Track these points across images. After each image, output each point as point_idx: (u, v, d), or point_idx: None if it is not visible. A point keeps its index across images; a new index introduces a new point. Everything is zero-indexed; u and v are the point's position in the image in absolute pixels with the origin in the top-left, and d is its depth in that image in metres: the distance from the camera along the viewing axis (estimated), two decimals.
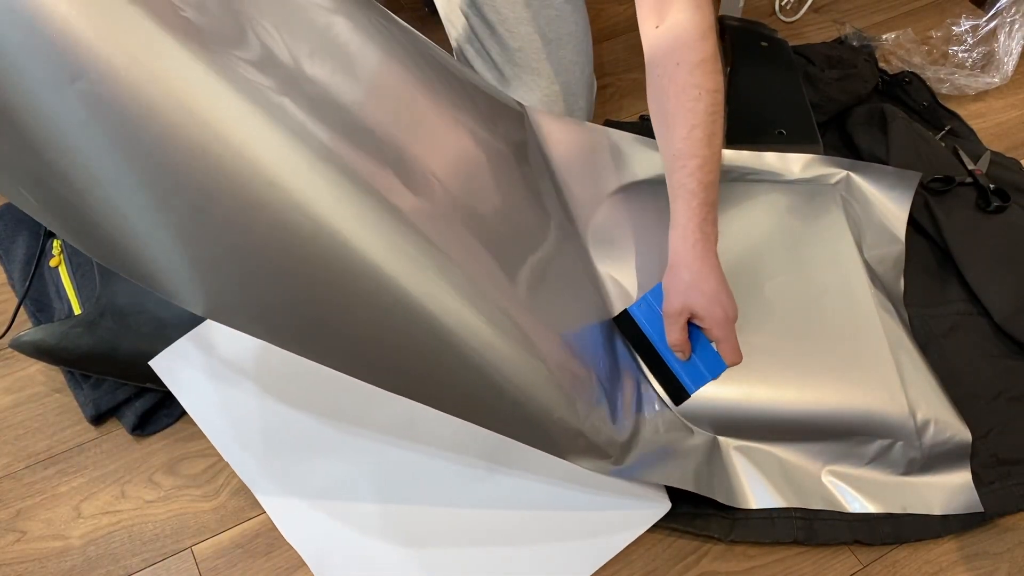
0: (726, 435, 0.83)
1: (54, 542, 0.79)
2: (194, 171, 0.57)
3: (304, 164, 0.59)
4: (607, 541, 0.79)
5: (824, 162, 1.02)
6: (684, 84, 0.80)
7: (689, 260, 0.78)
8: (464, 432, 0.82)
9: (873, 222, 0.99)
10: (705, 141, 0.79)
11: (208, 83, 0.57)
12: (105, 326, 0.86)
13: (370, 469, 0.82)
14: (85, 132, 0.55)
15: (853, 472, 0.82)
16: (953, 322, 0.93)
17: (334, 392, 0.85)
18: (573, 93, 1.02)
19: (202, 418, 0.83)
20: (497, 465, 0.82)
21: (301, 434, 0.83)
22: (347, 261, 0.61)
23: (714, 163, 0.80)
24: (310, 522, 0.79)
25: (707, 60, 0.80)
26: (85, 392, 0.87)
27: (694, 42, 0.79)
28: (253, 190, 0.58)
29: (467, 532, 0.79)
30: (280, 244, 0.60)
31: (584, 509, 0.80)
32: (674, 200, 0.80)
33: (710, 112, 0.79)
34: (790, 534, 0.79)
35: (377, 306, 0.63)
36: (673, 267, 0.80)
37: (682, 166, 0.79)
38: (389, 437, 0.83)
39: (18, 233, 0.99)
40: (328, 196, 0.60)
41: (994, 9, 1.24)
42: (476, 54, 1.04)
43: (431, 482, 0.81)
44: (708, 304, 0.78)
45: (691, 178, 0.79)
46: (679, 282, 0.79)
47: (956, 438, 0.82)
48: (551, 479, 0.81)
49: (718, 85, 0.80)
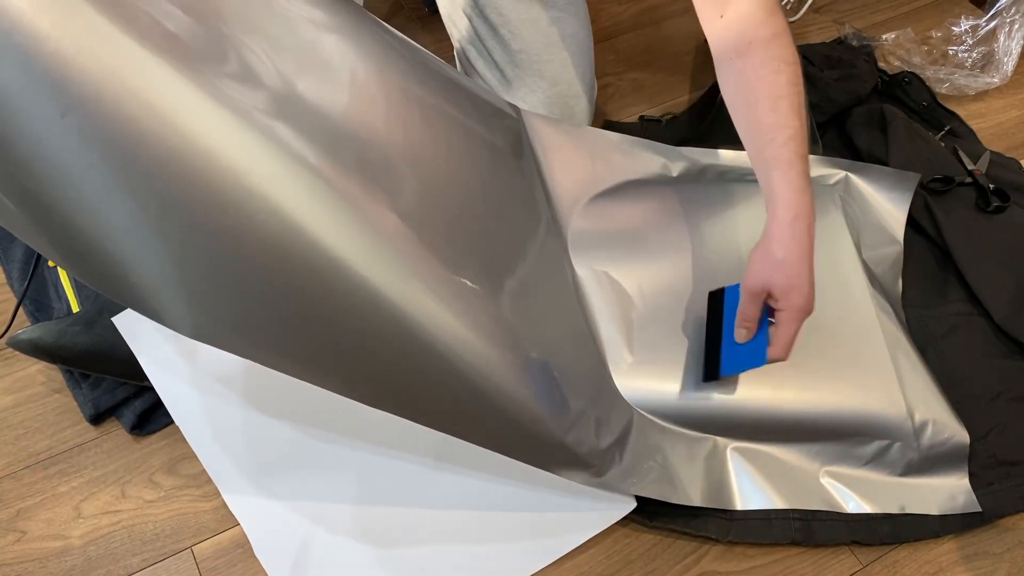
0: (724, 436, 0.83)
1: (54, 542, 0.79)
2: (184, 194, 0.56)
3: (300, 188, 0.59)
4: (560, 540, 0.79)
5: (822, 163, 1.02)
6: (762, 59, 0.77)
7: (785, 238, 0.73)
8: (412, 428, 0.81)
9: (871, 223, 0.98)
10: (794, 112, 0.76)
11: (199, 106, 0.56)
12: (103, 324, 0.86)
13: (316, 454, 0.82)
14: (76, 161, 0.55)
15: (851, 473, 0.82)
16: (953, 322, 0.93)
17: (282, 382, 0.85)
18: (574, 95, 1.02)
19: (157, 380, 0.84)
20: (445, 462, 0.82)
21: (254, 409, 0.84)
22: (341, 281, 0.61)
23: (804, 135, 0.75)
24: (253, 498, 0.80)
25: (780, 34, 0.77)
26: (84, 391, 0.87)
27: (764, 19, 0.77)
28: (246, 212, 0.57)
29: (414, 529, 0.79)
30: (272, 265, 0.59)
31: (539, 509, 0.80)
32: (769, 174, 0.75)
33: (793, 83, 0.76)
34: (788, 535, 0.79)
35: (372, 326, 0.63)
36: (766, 241, 0.75)
37: (772, 139, 0.75)
38: (338, 425, 0.84)
39: None
40: (321, 216, 0.60)
41: (994, 9, 1.24)
42: (478, 55, 1.04)
43: (379, 478, 0.81)
44: (789, 288, 0.73)
45: (785, 148, 0.74)
46: (768, 258, 0.74)
47: (954, 439, 0.82)
48: (505, 478, 0.81)
49: (795, 58, 0.77)
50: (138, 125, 0.54)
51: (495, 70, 1.02)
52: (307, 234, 0.59)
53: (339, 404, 0.84)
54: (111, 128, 0.54)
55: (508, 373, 0.69)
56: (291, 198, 0.58)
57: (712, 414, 0.82)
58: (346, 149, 0.65)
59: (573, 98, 1.02)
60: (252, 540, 0.78)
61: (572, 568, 0.78)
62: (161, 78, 0.55)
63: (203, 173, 0.56)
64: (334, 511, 0.80)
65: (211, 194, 0.57)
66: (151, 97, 0.54)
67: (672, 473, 0.79)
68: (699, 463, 0.80)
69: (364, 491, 0.81)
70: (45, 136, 0.54)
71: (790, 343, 0.74)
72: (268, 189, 0.57)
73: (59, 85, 0.52)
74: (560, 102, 1.02)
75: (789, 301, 0.74)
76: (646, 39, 1.30)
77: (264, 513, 0.80)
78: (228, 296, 0.60)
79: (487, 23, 0.99)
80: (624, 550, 0.79)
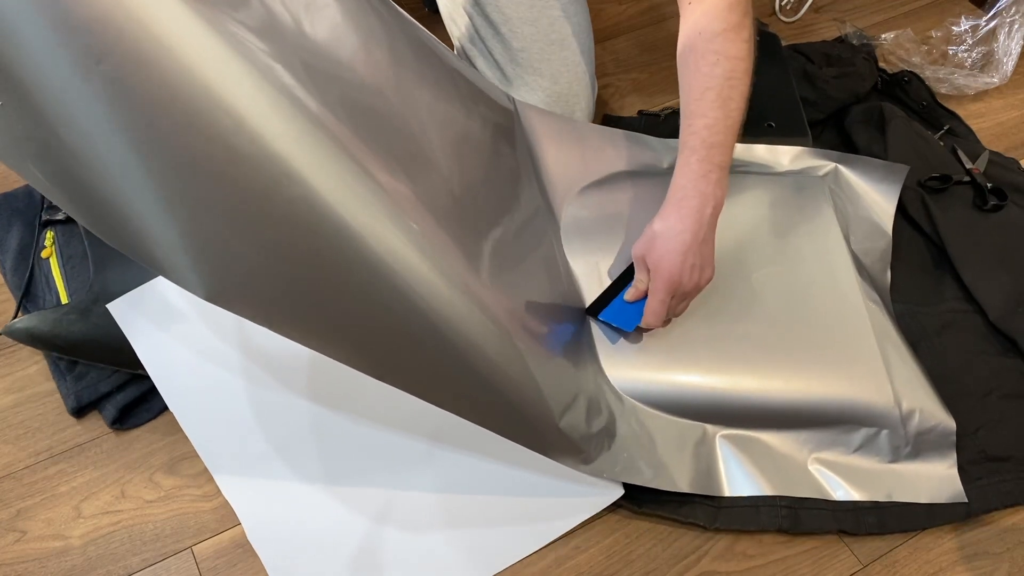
0: (714, 423, 0.83)
1: (54, 542, 0.79)
2: (203, 150, 0.57)
3: (318, 152, 0.60)
4: (549, 525, 0.79)
5: (813, 154, 1.03)
6: (703, 51, 0.80)
7: (667, 215, 0.81)
8: (409, 409, 0.83)
9: (860, 215, 0.99)
10: (717, 104, 0.79)
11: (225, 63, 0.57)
12: (98, 313, 0.86)
13: (311, 437, 0.83)
14: (102, 112, 0.56)
15: (840, 460, 0.83)
16: (947, 319, 0.94)
17: (277, 367, 0.86)
18: (575, 94, 1.02)
19: (151, 365, 0.84)
20: (440, 444, 0.83)
21: (248, 394, 0.85)
22: (354, 250, 0.62)
23: (724, 126, 0.80)
24: (247, 482, 0.80)
25: (730, 29, 0.79)
26: (68, 384, 0.86)
27: (719, 13, 0.79)
28: (264, 173, 0.58)
29: (406, 513, 0.79)
30: (288, 225, 0.60)
31: (528, 494, 0.81)
32: (677, 157, 0.82)
33: (727, 77, 0.79)
34: (775, 523, 0.79)
35: (374, 294, 0.64)
36: (655, 217, 0.82)
37: (688, 125, 0.80)
38: (332, 408, 0.85)
39: (12, 223, 0.99)
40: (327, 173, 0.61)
41: (994, 9, 1.25)
42: (479, 54, 1.04)
43: (373, 458, 0.82)
44: (659, 259, 0.80)
45: (694, 136, 0.80)
46: (648, 231, 0.82)
47: (941, 426, 0.83)
48: (498, 460, 0.82)
49: (740, 53, 0.80)
50: (164, 80, 0.55)
51: (496, 69, 1.02)
52: (322, 200, 0.60)
53: (333, 389, 0.85)
54: (137, 82, 0.55)
55: (505, 348, 0.70)
56: (308, 160, 0.60)
57: (702, 401, 0.82)
58: (349, 106, 0.66)
59: (573, 97, 1.03)
60: (245, 526, 0.79)
61: (572, 568, 0.78)
62: (185, 29, 0.56)
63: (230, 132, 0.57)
64: (328, 495, 0.80)
65: (232, 153, 0.58)
66: (176, 49, 0.55)
67: (660, 460, 0.80)
68: (688, 450, 0.81)
69: (358, 476, 0.81)
70: (71, 89, 0.55)
71: (657, 312, 0.81)
72: (288, 150, 0.59)
73: (89, 35, 0.53)
74: (560, 101, 1.02)
75: (656, 272, 0.80)
76: (646, 39, 1.30)
77: (258, 497, 0.80)
78: (241, 250, 0.61)
79: (488, 21, 1.00)
80: (624, 550, 0.79)
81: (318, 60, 0.67)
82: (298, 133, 0.60)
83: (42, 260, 0.95)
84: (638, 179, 0.98)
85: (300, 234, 0.61)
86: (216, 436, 0.83)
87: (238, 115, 0.57)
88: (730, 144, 0.81)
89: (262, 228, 0.60)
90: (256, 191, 0.59)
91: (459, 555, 0.77)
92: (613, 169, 0.99)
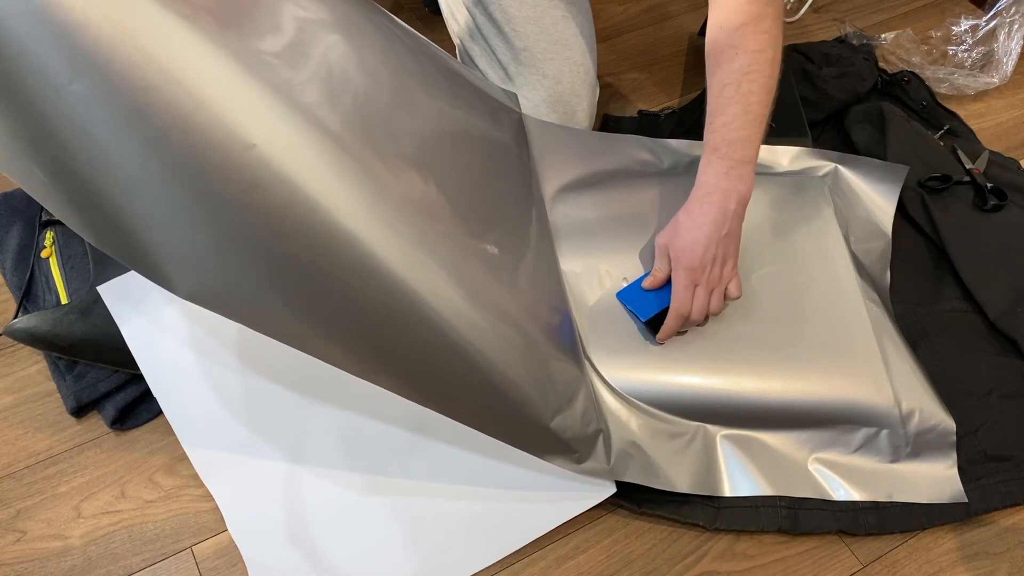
0: (713, 423, 0.83)
1: (54, 542, 0.79)
2: (199, 156, 0.57)
3: (315, 155, 0.61)
4: (538, 521, 0.79)
5: (812, 154, 1.03)
6: (724, 46, 0.81)
7: (691, 209, 0.83)
8: (394, 401, 0.82)
9: (860, 216, 0.99)
10: (736, 99, 0.80)
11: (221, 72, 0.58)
12: (98, 313, 0.86)
13: (295, 426, 0.83)
14: (93, 118, 0.56)
15: (840, 460, 0.83)
16: (947, 319, 0.94)
17: (268, 362, 0.86)
18: (576, 94, 1.02)
19: (140, 355, 0.84)
20: (424, 436, 0.83)
21: (235, 394, 0.84)
22: (348, 251, 0.62)
23: (743, 121, 0.80)
24: (231, 474, 0.80)
25: (749, 22, 0.79)
26: (67, 384, 0.86)
27: (739, 6, 0.80)
28: (255, 174, 0.59)
29: (394, 507, 0.79)
30: (279, 226, 0.61)
31: (518, 489, 0.80)
32: (702, 155, 0.83)
33: (745, 71, 0.79)
34: (775, 523, 0.79)
35: (371, 298, 0.64)
36: (681, 210, 0.84)
37: (709, 124, 0.82)
38: (316, 399, 0.85)
39: (13, 223, 0.99)
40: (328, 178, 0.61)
41: (994, 9, 1.25)
42: (481, 52, 1.04)
43: (357, 450, 0.82)
44: (681, 249, 0.82)
45: (714, 135, 0.81)
46: (674, 223, 0.84)
47: (940, 426, 0.83)
48: (484, 454, 0.82)
49: (760, 45, 0.80)
50: (151, 86, 0.55)
51: (498, 68, 1.02)
52: (313, 200, 0.60)
53: (320, 384, 0.85)
54: (124, 88, 0.55)
55: (498, 347, 0.70)
56: (303, 166, 0.60)
57: (702, 401, 0.82)
58: (368, 126, 0.67)
59: (575, 97, 1.02)
60: (228, 520, 0.79)
61: (572, 568, 0.78)
62: (181, 42, 0.56)
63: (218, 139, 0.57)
64: (309, 486, 0.80)
65: (223, 160, 0.58)
66: (163, 59, 0.55)
67: (656, 460, 0.80)
68: (687, 450, 0.81)
69: (340, 467, 0.81)
70: (61, 95, 0.55)
71: (683, 298, 0.82)
72: (279, 156, 0.59)
73: (74, 44, 0.53)
74: (562, 101, 1.02)
75: (677, 262, 0.83)
76: (646, 39, 1.30)
77: (242, 492, 0.80)
78: (233, 257, 0.61)
79: (491, 20, 0.99)
80: (624, 550, 0.79)
81: (321, 67, 0.67)
82: (298, 138, 0.60)
83: (42, 260, 0.95)
84: (638, 179, 0.98)
85: (289, 229, 0.61)
86: (203, 429, 0.82)
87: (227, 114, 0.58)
88: (753, 137, 0.81)
89: (251, 232, 0.60)
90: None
91: (444, 549, 0.77)
92: (613, 169, 0.99)
